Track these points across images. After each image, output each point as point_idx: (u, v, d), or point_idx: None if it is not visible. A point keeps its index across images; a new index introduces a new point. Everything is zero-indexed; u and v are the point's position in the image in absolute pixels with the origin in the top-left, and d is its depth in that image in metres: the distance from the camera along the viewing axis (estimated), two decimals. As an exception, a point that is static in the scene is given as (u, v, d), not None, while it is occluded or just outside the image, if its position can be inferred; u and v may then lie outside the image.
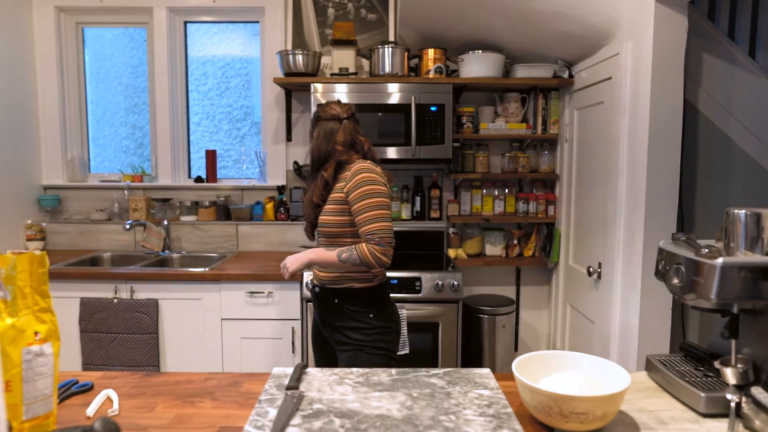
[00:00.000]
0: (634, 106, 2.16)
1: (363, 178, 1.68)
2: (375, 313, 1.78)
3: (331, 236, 1.77)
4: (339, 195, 1.74)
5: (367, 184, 1.68)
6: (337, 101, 1.89)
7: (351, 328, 1.77)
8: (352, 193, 1.69)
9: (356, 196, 1.68)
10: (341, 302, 1.78)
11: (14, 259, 0.92)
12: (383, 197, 1.68)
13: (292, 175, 3.22)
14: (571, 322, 2.94)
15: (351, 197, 1.69)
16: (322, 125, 1.83)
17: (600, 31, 2.37)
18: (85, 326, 2.61)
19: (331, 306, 1.80)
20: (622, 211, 2.24)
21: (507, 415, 1.04)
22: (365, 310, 1.77)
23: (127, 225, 2.97)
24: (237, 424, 1.04)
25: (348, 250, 1.68)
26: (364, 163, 1.74)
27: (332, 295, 1.79)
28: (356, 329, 1.76)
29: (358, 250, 1.66)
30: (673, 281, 1.13)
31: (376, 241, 1.65)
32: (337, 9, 3.14)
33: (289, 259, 1.81)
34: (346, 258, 1.67)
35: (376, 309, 1.79)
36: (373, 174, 1.70)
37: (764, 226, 1.04)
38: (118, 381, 1.24)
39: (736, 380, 1.06)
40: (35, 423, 0.93)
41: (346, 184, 1.71)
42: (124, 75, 3.36)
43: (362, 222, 1.67)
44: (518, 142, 3.12)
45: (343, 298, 1.78)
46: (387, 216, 1.68)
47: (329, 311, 1.81)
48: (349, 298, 1.78)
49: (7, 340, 0.89)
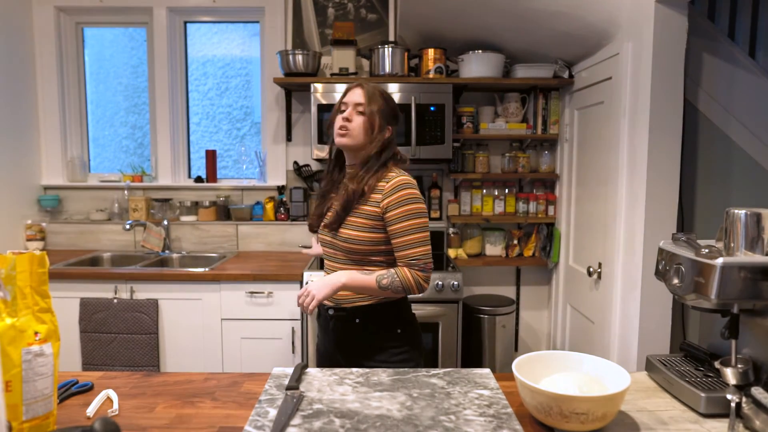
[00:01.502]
0: (634, 106, 2.16)
1: (407, 195, 1.48)
2: (402, 328, 1.58)
3: (357, 254, 1.53)
4: (374, 209, 1.50)
5: (410, 202, 1.48)
6: None
7: (376, 349, 1.54)
8: (393, 211, 1.48)
9: (398, 215, 1.48)
10: (364, 322, 1.56)
11: (14, 259, 0.92)
12: (425, 217, 1.51)
13: (292, 175, 3.22)
14: (571, 322, 2.94)
15: (390, 215, 1.48)
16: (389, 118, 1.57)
17: (600, 31, 2.37)
18: (85, 326, 2.61)
19: (351, 328, 1.57)
20: (622, 211, 2.24)
21: (507, 415, 1.04)
22: (392, 327, 1.57)
23: (127, 225, 2.97)
24: (237, 424, 1.04)
25: (389, 276, 1.47)
26: (404, 175, 1.52)
27: (352, 315, 1.56)
28: (382, 349, 1.54)
29: (401, 276, 1.47)
30: (673, 281, 1.13)
31: (420, 267, 1.49)
32: (337, 9, 3.14)
33: (315, 286, 1.47)
34: (387, 284, 1.47)
35: (404, 323, 1.59)
36: (415, 191, 1.50)
37: (764, 226, 1.04)
38: (118, 381, 1.24)
39: (736, 380, 1.05)
40: (35, 423, 0.93)
41: (384, 197, 1.49)
42: (124, 75, 3.36)
43: (404, 245, 1.48)
44: (518, 142, 3.12)
45: (366, 316, 1.56)
46: (428, 239, 1.51)
47: (348, 334, 1.58)
48: (373, 316, 1.56)
49: (7, 340, 0.89)
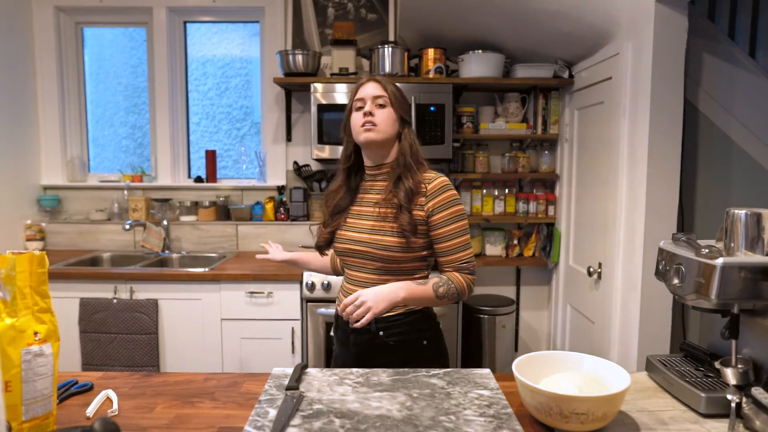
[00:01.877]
0: (634, 106, 2.16)
1: (451, 197, 1.40)
2: (428, 338, 1.49)
3: (393, 262, 1.41)
4: (418, 212, 1.40)
5: (455, 204, 1.41)
6: None
7: (401, 362, 1.38)
8: (439, 214, 1.39)
9: (445, 218, 1.39)
10: (389, 334, 1.44)
11: (14, 259, 0.91)
12: (467, 219, 1.44)
13: (292, 175, 3.22)
14: (571, 322, 2.94)
15: (437, 218, 1.39)
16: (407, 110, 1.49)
17: (600, 31, 2.37)
18: (84, 326, 2.61)
19: (375, 340, 1.44)
20: (622, 211, 2.24)
21: (507, 415, 1.04)
22: (419, 338, 1.47)
23: (127, 225, 2.97)
24: (237, 424, 1.03)
25: (444, 284, 1.39)
26: (442, 175, 1.44)
27: (376, 327, 1.44)
28: (407, 363, 1.38)
29: (455, 283, 1.40)
30: (673, 281, 1.13)
31: (470, 271, 1.42)
32: (337, 9, 3.14)
33: (372, 297, 1.31)
34: (444, 293, 1.38)
35: (430, 333, 1.49)
36: (456, 192, 1.43)
37: (764, 226, 1.04)
38: (118, 381, 1.24)
39: (736, 380, 1.05)
40: (35, 423, 0.93)
41: (428, 200, 1.39)
42: (124, 75, 3.36)
43: (453, 248, 1.40)
44: (518, 142, 3.12)
45: (392, 328, 1.44)
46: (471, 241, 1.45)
47: (371, 347, 1.45)
48: (399, 328, 1.45)
49: (7, 341, 0.89)
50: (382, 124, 1.42)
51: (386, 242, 1.40)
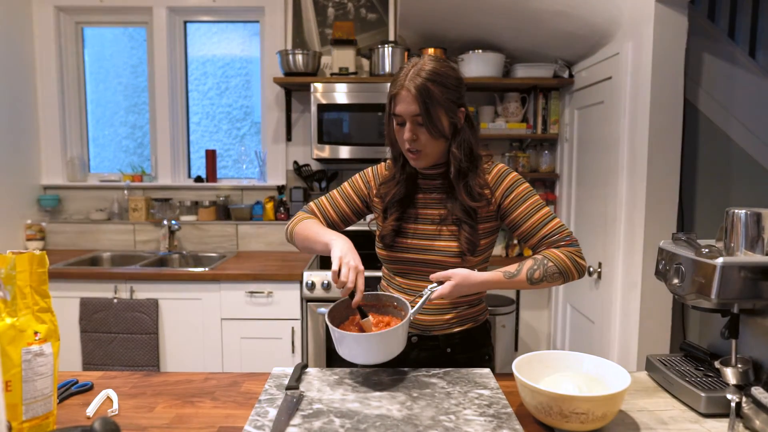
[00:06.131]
0: (634, 106, 2.16)
1: (516, 177, 1.33)
2: (489, 354, 1.42)
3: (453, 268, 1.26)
4: (487, 210, 1.32)
5: (521, 182, 1.33)
6: None
7: None
8: (510, 196, 1.31)
9: (518, 196, 1.30)
10: (455, 352, 1.36)
11: (14, 258, 0.91)
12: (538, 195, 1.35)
13: (292, 175, 3.22)
14: (571, 322, 2.94)
15: (509, 200, 1.31)
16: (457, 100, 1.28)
17: (600, 31, 2.36)
18: (85, 326, 2.61)
19: (439, 358, 1.35)
20: (622, 211, 2.24)
21: (507, 415, 1.04)
22: (483, 353, 1.41)
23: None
24: (237, 424, 1.04)
25: (538, 266, 1.24)
26: (499, 163, 1.37)
27: (445, 344, 1.36)
28: None
29: (553, 259, 1.25)
30: (673, 281, 1.13)
31: (568, 241, 1.29)
32: (337, 9, 3.14)
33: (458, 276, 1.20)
34: (539, 277, 1.24)
35: (490, 346, 1.44)
36: (518, 174, 1.35)
37: (764, 226, 1.04)
38: (118, 381, 1.24)
39: (736, 380, 1.05)
40: (35, 423, 0.93)
41: (493, 190, 1.32)
42: (124, 75, 3.36)
43: (536, 225, 1.29)
44: (518, 142, 3.12)
45: (458, 344, 1.37)
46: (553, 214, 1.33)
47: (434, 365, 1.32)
48: (466, 344, 1.37)
49: (7, 340, 0.89)
50: (427, 147, 1.27)
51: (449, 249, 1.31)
